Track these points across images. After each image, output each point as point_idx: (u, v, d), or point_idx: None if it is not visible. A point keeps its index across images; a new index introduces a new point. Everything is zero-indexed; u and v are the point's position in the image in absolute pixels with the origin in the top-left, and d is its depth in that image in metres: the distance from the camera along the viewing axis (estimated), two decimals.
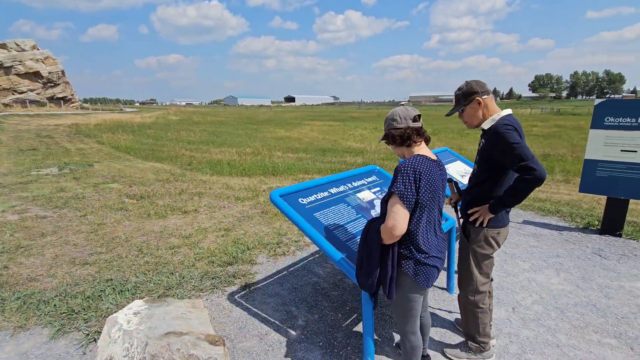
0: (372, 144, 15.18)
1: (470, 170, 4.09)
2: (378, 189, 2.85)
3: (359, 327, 2.44)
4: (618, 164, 4.02)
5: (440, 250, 1.69)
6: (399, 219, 1.51)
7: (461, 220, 2.10)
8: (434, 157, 1.67)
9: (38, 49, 37.75)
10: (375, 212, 2.51)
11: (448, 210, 4.68)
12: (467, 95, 1.94)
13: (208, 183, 7.12)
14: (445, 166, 3.89)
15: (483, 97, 1.91)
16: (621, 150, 3.98)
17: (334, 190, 2.56)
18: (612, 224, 4.20)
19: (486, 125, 1.91)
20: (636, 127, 3.87)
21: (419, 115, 1.72)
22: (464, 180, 3.74)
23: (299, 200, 2.29)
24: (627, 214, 4.18)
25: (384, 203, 1.68)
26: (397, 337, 2.35)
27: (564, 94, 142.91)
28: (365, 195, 2.68)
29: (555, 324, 2.53)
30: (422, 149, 1.67)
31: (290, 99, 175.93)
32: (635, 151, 3.90)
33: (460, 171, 3.93)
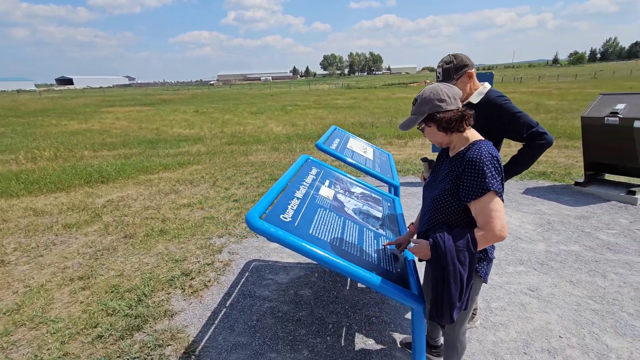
0: (204, 129, 13.88)
1: (366, 145, 4.22)
2: (328, 181, 2.48)
3: (362, 343, 2.12)
4: None
5: None
6: (504, 217, 1.28)
7: None
8: None
9: None
10: (348, 208, 2.17)
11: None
12: (458, 69, 1.82)
13: None
14: (348, 145, 3.85)
15: (472, 70, 1.84)
16: None
17: (299, 194, 2.03)
18: None
19: (475, 99, 1.87)
20: None
21: None
22: (368, 156, 3.81)
23: (281, 217, 1.67)
24: None
25: (448, 202, 1.38)
26: (397, 338, 2.17)
27: (346, 71, 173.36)
28: (326, 192, 2.27)
29: None
30: (473, 132, 1.43)
31: (67, 81, 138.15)
32: None
33: (362, 147, 3.98)
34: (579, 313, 2.34)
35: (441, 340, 2.00)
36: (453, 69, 1.84)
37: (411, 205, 4.48)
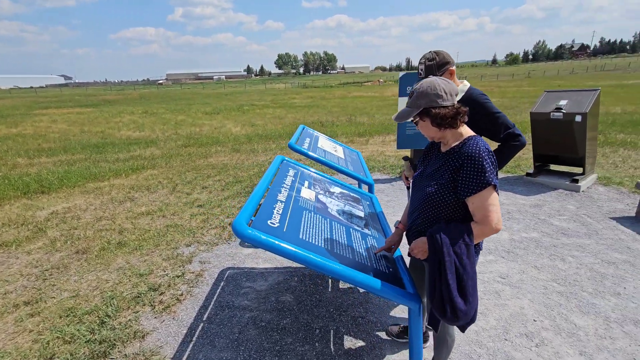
0: (155, 131, 13.10)
1: (335, 144, 4.20)
2: (307, 182, 2.41)
3: (351, 346, 2.08)
4: None
5: None
6: (499, 211, 1.33)
7: None
8: None
9: None
10: (332, 209, 2.11)
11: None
12: (441, 66, 1.84)
13: None
14: (319, 144, 3.81)
15: (453, 67, 1.87)
16: None
17: (282, 197, 1.94)
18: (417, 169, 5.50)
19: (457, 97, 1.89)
20: None
21: None
22: (339, 154, 3.79)
23: (269, 223, 1.57)
24: None
25: (445, 196, 1.38)
26: (386, 337, 2.16)
27: (301, 70, 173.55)
28: (308, 194, 2.19)
29: None
30: (466, 128, 1.45)
31: None
32: None
33: (332, 146, 3.94)
34: (547, 296, 2.50)
35: (424, 327, 2.05)
36: (435, 66, 1.85)
37: (379, 202, 4.54)
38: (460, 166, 1.35)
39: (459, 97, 1.89)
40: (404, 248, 1.90)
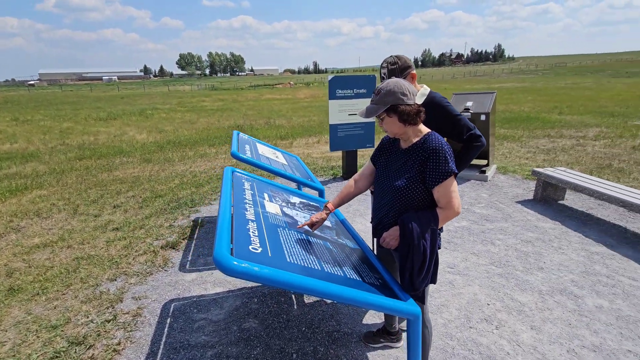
0: (34, 142, 10.92)
1: (273, 149, 4.00)
2: (267, 194, 2.19)
3: None
4: (348, 125, 5.32)
5: None
6: (459, 196, 1.52)
7: None
8: None
9: None
10: (299, 221, 1.95)
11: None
12: (403, 70, 1.84)
13: None
14: (260, 151, 3.60)
15: (414, 71, 1.88)
16: (348, 114, 5.27)
17: (250, 216, 1.70)
18: (350, 170, 5.63)
19: (419, 100, 1.92)
20: (354, 96, 5.21)
21: None
22: (281, 160, 3.63)
23: (251, 249, 1.35)
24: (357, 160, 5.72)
25: (415, 188, 1.50)
26: (365, 348, 2.10)
27: (207, 71, 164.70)
28: (273, 208, 1.99)
29: None
30: (422, 125, 1.58)
31: None
32: (356, 114, 5.30)
33: (272, 152, 3.74)
34: (491, 280, 2.75)
35: (397, 326, 2.07)
36: (398, 70, 1.86)
37: None
38: (426, 159, 1.48)
39: (421, 101, 1.94)
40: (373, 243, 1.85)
